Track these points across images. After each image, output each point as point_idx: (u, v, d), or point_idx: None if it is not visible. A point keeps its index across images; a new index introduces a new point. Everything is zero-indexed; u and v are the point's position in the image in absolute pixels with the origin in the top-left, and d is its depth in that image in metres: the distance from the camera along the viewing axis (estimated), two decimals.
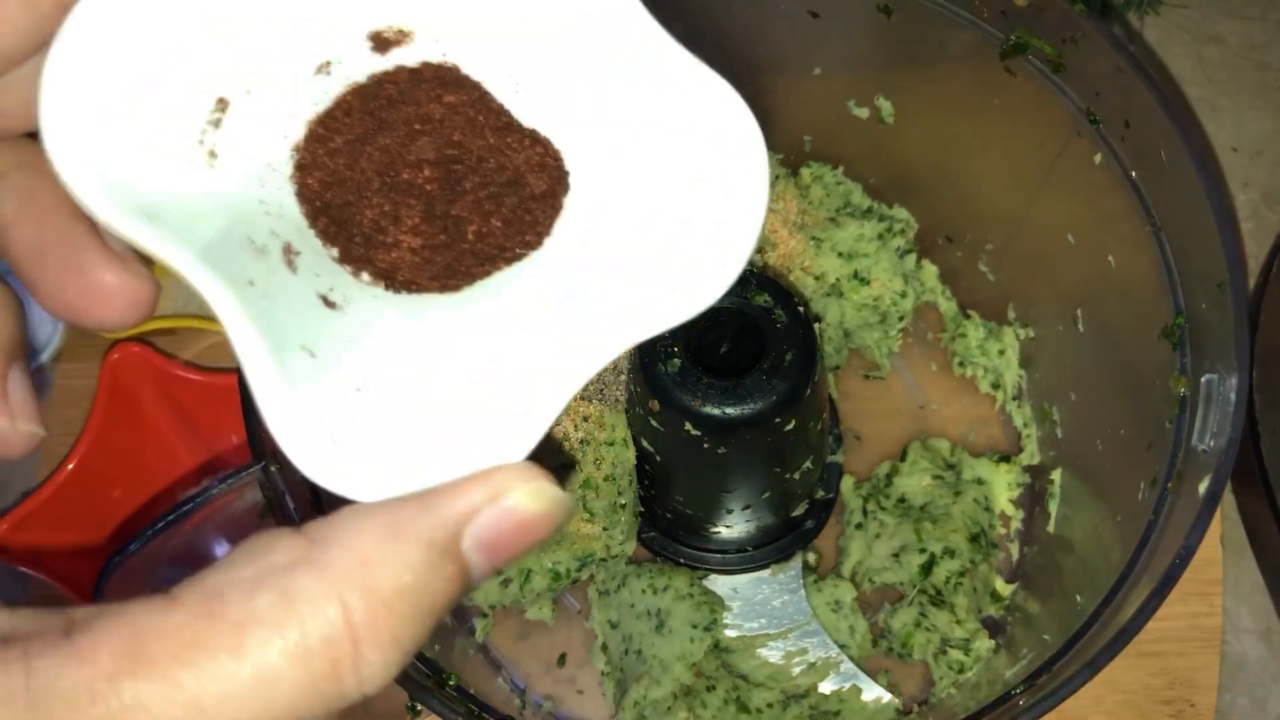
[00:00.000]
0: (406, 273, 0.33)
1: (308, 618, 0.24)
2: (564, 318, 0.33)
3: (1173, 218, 0.45)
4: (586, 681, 0.58)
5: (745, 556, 0.59)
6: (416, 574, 0.26)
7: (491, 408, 0.31)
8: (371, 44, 0.34)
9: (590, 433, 0.53)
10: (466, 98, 0.34)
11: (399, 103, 0.34)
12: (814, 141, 0.62)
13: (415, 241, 0.33)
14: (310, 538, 0.26)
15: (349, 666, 0.24)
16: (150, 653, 0.23)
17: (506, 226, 0.34)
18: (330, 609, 0.24)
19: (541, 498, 0.28)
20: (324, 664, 0.24)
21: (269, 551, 0.25)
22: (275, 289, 0.30)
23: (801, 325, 0.50)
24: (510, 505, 0.28)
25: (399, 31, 0.34)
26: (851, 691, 0.56)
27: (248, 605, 0.24)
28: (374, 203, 0.33)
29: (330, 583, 0.25)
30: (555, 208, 0.35)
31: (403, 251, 0.33)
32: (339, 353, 0.30)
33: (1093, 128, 0.48)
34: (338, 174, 0.33)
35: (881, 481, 0.60)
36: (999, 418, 0.63)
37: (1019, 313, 0.61)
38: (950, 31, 0.50)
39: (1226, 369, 0.41)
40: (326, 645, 0.24)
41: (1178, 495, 0.42)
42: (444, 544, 0.26)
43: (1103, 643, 0.39)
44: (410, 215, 0.33)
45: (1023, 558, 0.60)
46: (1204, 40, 0.73)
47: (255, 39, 0.31)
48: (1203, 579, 0.59)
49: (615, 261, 0.33)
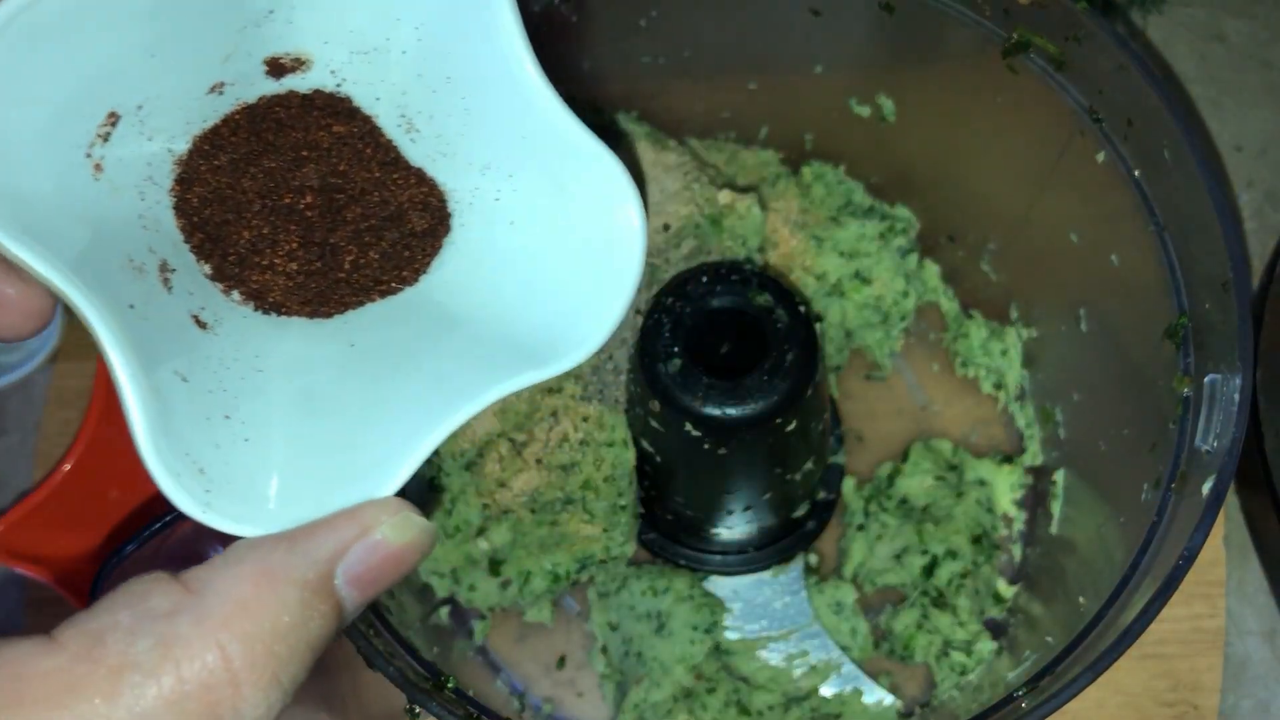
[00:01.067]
0: (278, 295, 0.33)
1: (184, 662, 0.25)
2: (438, 360, 0.33)
3: (1176, 217, 0.45)
4: (586, 684, 0.58)
5: (746, 558, 0.59)
6: (293, 614, 0.26)
7: (362, 443, 0.31)
8: (267, 68, 0.34)
9: (590, 434, 0.53)
10: (356, 130, 0.34)
11: (288, 127, 0.34)
12: (815, 140, 0.62)
13: (291, 266, 0.33)
14: (187, 585, 0.26)
15: (229, 709, 0.25)
16: (30, 694, 0.24)
17: (384, 260, 0.34)
18: (208, 654, 0.25)
19: (408, 528, 0.29)
20: (200, 708, 0.25)
21: (147, 597, 0.26)
22: (152, 311, 0.30)
23: (803, 325, 0.50)
24: (379, 540, 0.28)
25: (296, 59, 0.34)
26: (853, 694, 0.56)
27: (126, 651, 0.24)
28: (253, 224, 0.33)
29: (209, 629, 0.25)
30: (435, 247, 0.35)
31: (277, 275, 0.33)
32: (209, 377, 0.30)
33: (1095, 126, 0.47)
34: (219, 191, 0.33)
35: (883, 482, 0.60)
36: (1001, 418, 0.62)
37: (1021, 312, 0.61)
38: (952, 29, 0.50)
39: (1230, 369, 0.41)
40: (203, 690, 0.25)
41: (1181, 496, 0.42)
42: (318, 583, 0.27)
43: (1105, 645, 0.39)
44: (288, 240, 0.33)
45: (1025, 559, 0.59)
46: (1208, 39, 0.73)
47: (152, 55, 0.31)
48: (1206, 580, 0.59)
49: (492, 309, 0.33)
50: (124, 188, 0.31)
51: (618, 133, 0.59)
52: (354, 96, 0.34)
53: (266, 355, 0.32)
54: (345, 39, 0.34)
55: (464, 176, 0.35)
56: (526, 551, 0.54)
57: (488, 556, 0.54)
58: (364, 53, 0.34)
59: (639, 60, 0.58)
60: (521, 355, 0.32)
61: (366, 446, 0.31)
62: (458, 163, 0.35)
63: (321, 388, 0.32)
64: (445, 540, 0.54)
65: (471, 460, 0.54)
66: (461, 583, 0.55)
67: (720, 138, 0.62)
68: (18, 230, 0.27)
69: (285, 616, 0.26)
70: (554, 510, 0.53)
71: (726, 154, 0.61)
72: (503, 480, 0.53)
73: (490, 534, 0.54)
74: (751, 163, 0.61)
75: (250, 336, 0.32)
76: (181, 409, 0.29)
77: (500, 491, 0.53)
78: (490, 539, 0.54)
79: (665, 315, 0.50)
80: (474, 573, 0.55)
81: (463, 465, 0.54)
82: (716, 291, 0.50)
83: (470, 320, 0.34)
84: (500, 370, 0.32)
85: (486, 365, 0.32)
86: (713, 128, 0.62)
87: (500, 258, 0.34)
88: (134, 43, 0.30)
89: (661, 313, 0.50)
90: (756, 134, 0.62)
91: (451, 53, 0.33)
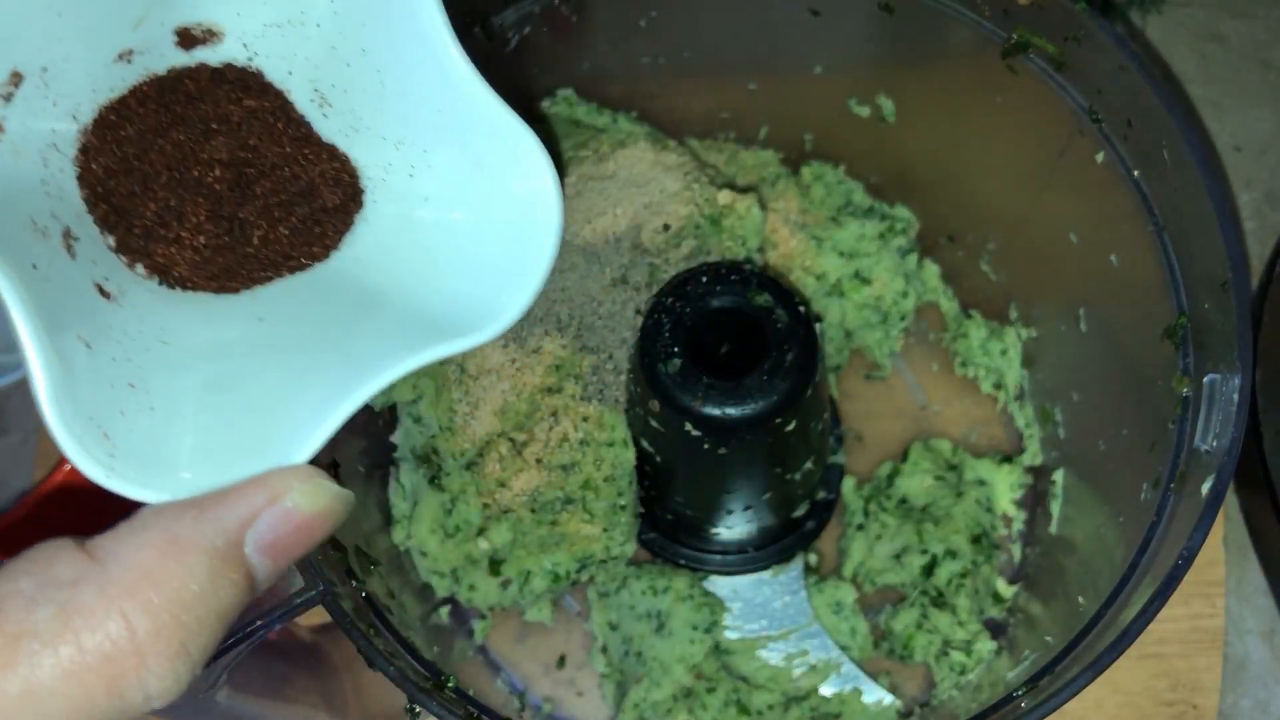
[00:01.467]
0: (183, 269, 0.32)
1: (84, 632, 0.24)
2: (352, 333, 0.32)
3: (1175, 217, 0.45)
4: (586, 683, 0.58)
5: (746, 558, 0.59)
6: (201, 583, 0.26)
7: (274, 414, 0.30)
8: (177, 38, 0.33)
9: (590, 433, 0.53)
10: (268, 104, 0.34)
11: (197, 100, 0.33)
12: (815, 140, 0.62)
13: (198, 240, 0.33)
14: (92, 552, 0.26)
15: (133, 680, 0.24)
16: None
17: (294, 236, 0.34)
18: (111, 624, 0.24)
19: (320, 495, 0.28)
20: (100, 680, 0.24)
21: (51, 564, 0.25)
22: (55, 274, 0.29)
23: (802, 325, 0.50)
24: (289, 507, 0.28)
25: (207, 30, 0.34)
26: (852, 693, 0.56)
27: (25, 619, 0.24)
28: (159, 196, 0.32)
29: (112, 598, 0.24)
30: (346, 223, 0.34)
31: (183, 248, 0.32)
32: (114, 346, 0.30)
33: (1095, 126, 0.47)
34: (125, 162, 0.32)
35: (883, 482, 0.60)
36: (1001, 418, 0.63)
37: (1021, 312, 0.61)
38: (952, 30, 0.50)
39: (1229, 369, 0.41)
40: (104, 661, 0.24)
41: (1180, 496, 0.42)
42: (226, 551, 0.27)
43: (1105, 644, 0.39)
44: (195, 213, 0.33)
45: (1025, 559, 0.59)
46: (1207, 39, 0.73)
47: (59, 15, 0.30)
48: (1205, 580, 0.59)
49: (407, 283, 0.33)
50: (26, 151, 0.30)
51: (538, 115, 0.59)
52: (266, 70, 0.34)
53: (173, 329, 0.32)
54: (259, 11, 0.33)
55: (377, 151, 0.34)
56: (526, 551, 0.54)
57: (488, 556, 0.54)
58: (278, 25, 0.34)
59: (639, 60, 0.58)
60: (437, 328, 0.32)
61: (278, 417, 0.30)
62: (371, 138, 0.34)
63: (231, 361, 0.32)
64: (446, 540, 0.54)
65: (472, 460, 0.54)
66: (462, 582, 0.55)
67: (720, 138, 0.62)
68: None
69: (193, 585, 0.26)
70: (554, 510, 0.53)
71: (726, 154, 0.61)
72: (503, 480, 0.53)
73: (490, 534, 0.54)
74: (751, 163, 0.61)
75: (155, 310, 0.32)
76: (85, 374, 0.28)
77: (500, 491, 0.53)
78: (490, 539, 0.54)
79: (665, 315, 0.50)
80: (474, 572, 0.55)
81: (463, 465, 0.54)
82: (716, 291, 0.50)
83: (385, 294, 0.33)
84: (415, 342, 0.32)
85: (401, 338, 0.32)
86: (713, 128, 0.62)
87: (415, 233, 0.34)
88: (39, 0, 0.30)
89: (661, 313, 0.50)
90: (756, 134, 0.62)
91: (368, 25, 0.33)
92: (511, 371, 0.53)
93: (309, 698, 0.53)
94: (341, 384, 0.31)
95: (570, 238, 0.55)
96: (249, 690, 0.47)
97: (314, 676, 0.54)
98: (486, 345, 0.54)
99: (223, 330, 0.32)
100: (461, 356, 0.54)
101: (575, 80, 0.59)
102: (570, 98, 0.59)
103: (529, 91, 0.59)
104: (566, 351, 0.53)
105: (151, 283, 0.32)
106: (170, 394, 0.30)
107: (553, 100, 0.59)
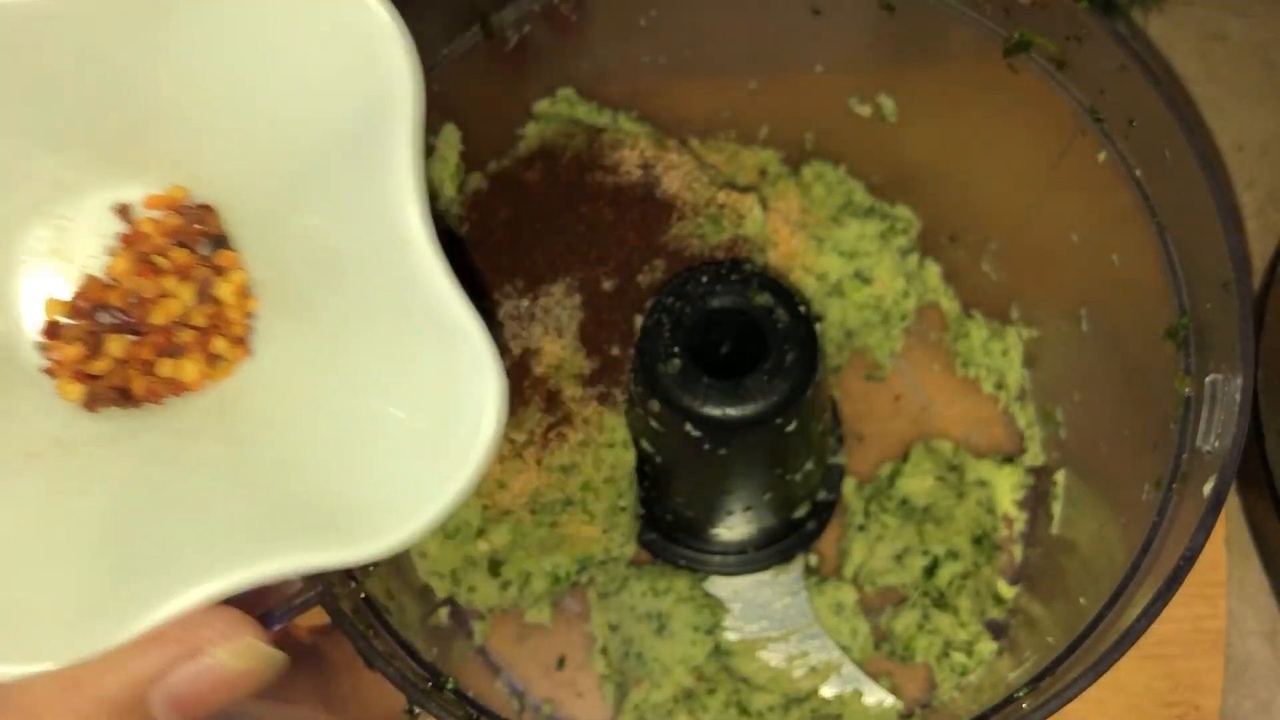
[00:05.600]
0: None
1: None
2: (231, 504, 0.30)
3: (1177, 217, 0.45)
4: (586, 684, 0.58)
5: (746, 558, 0.59)
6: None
7: (123, 577, 0.28)
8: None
9: (590, 435, 0.53)
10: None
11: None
12: (815, 140, 0.62)
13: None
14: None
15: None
16: None
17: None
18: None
19: (250, 656, 0.27)
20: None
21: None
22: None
23: (803, 325, 0.50)
24: (212, 664, 0.26)
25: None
26: (853, 694, 0.56)
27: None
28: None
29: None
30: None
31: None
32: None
33: (1097, 126, 0.47)
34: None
35: (884, 483, 0.60)
36: (1002, 418, 0.62)
37: (1022, 312, 0.61)
38: (953, 28, 0.50)
39: (1231, 369, 0.41)
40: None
41: (1182, 496, 0.42)
42: (126, 703, 0.25)
43: (1106, 645, 0.39)
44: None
45: (1026, 560, 0.59)
46: (1209, 38, 0.73)
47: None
48: (1207, 581, 0.59)
49: (302, 470, 0.31)
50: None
51: (537, 115, 0.58)
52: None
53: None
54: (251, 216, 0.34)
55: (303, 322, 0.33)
56: (526, 552, 0.54)
57: (487, 557, 0.54)
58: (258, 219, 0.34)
59: (639, 60, 0.58)
60: (322, 525, 0.30)
61: (126, 584, 0.28)
62: (311, 307, 0.33)
63: (98, 515, 0.30)
64: (445, 541, 0.54)
65: None
66: (461, 583, 0.55)
67: (720, 137, 0.62)
68: None
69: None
70: (554, 511, 0.53)
71: (727, 154, 0.61)
72: (502, 481, 0.53)
73: (490, 535, 0.54)
74: (751, 162, 0.61)
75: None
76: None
77: (500, 492, 0.53)
78: (490, 540, 0.54)
79: (665, 315, 0.50)
80: (474, 573, 0.54)
81: None
82: (716, 291, 0.50)
83: (280, 480, 0.31)
84: (293, 536, 0.29)
85: (280, 524, 0.29)
86: (713, 127, 0.62)
87: (329, 418, 0.32)
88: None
89: (661, 313, 0.50)
90: (757, 134, 0.62)
91: (346, 218, 0.32)
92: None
93: (308, 698, 0.53)
94: (197, 564, 0.28)
95: None
96: None
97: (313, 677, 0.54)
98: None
99: (104, 481, 0.31)
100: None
101: (575, 79, 0.59)
102: (570, 97, 0.59)
103: (528, 91, 0.59)
104: (566, 352, 0.53)
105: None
106: (31, 548, 0.29)
107: (552, 100, 0.59)
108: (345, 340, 0.32)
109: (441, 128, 0.55)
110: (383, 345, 0.32)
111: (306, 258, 0.33)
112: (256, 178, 0.33)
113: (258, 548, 0.28)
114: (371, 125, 0.30)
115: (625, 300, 0.53)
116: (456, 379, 0.30)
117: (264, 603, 0.41)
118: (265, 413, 0.33)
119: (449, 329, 0.30)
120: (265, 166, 0.33)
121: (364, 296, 0.32)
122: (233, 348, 0.33)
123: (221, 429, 0.32)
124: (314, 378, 0.33)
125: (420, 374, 0.31)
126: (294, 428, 0.32)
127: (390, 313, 0.31)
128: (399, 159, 0.29)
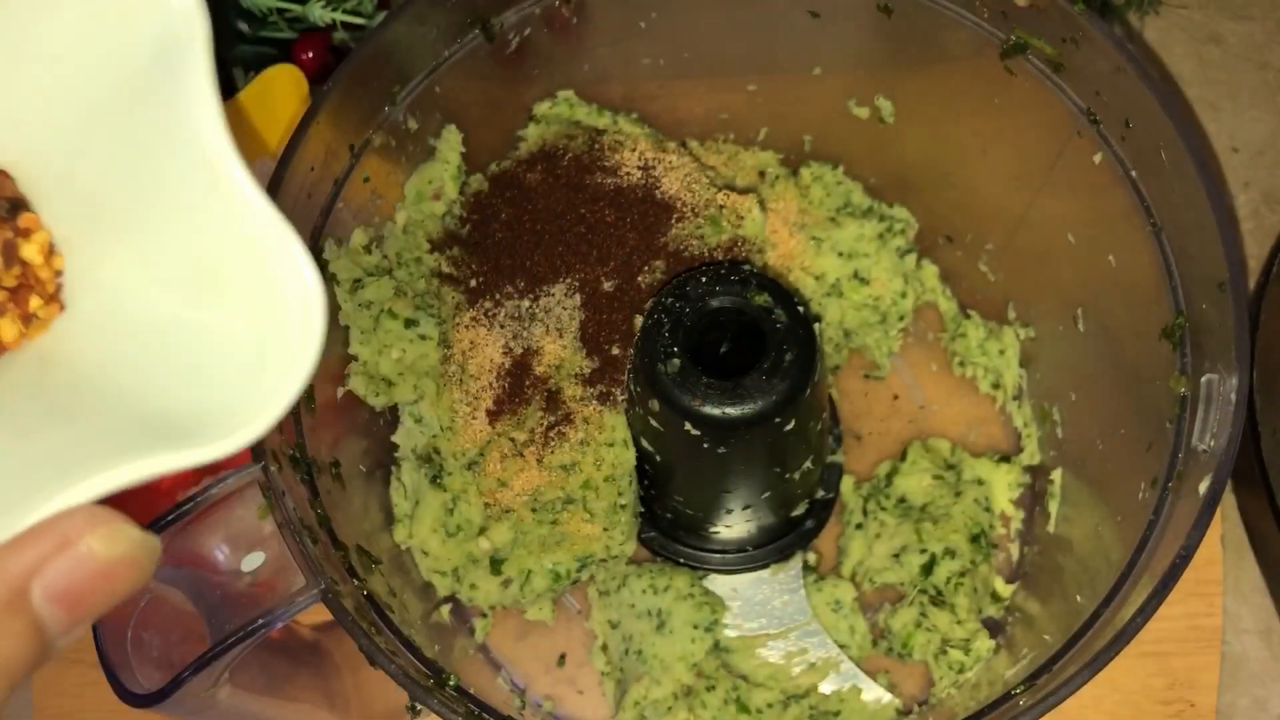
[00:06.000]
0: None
1: None
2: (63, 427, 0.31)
3: (1173, 218, 0.45)
4: (586, 682, 0.58)
5: (745, 556, 0.59)
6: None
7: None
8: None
9: (590, 433, 0.53)
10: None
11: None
12: (814, 141, 0.62)
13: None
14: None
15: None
16: None
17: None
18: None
19: (119, 541, 0.26)
20: None
21: None
22: None
23: (801, 325, 0.50)
24: (84, 552, 0.26)
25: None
26: (851, 691, 0.56)
27: None
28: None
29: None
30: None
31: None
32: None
33: (1093, 127, 0.48)
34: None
35: (882, 481, 0.60)
36: (999, 418, 0.63)
37: (1019, 312, 0.61)
38: (950, 31, 0.50)
39: (1227, 369, 0.41)
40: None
41: (1178, 495, 0.42)
42: (7, 599, 0.24)
43: (1103, 643, 0.39)
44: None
45: (1023, 558, 0.60)
46: (1204, 40, 0.73)
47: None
48: (1203, 579, 0.59)
49: (127, 381, 0.32)
50: None
51: (538, 117, 0.59)
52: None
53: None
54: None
55: (106, 235, 0.34)
56: (527, 550, 0.54)
57: (489, 555, 0.54)
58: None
59: (639, 62, 0.58)
60: (162, 432, 0.30)
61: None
62: (124, 244, 0.33)
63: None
64: (447, 539, 0.54)
65: (472, 460, 0.54)
66: (463, 581, 0.55)
67: (720, 139, 0.62)
68: None
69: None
70: (554, 509, 0.53)
71: (726, 155, 0.62)
72: (504, 480, 0.53)
73: (491, 533, 0.54)
74: (750, 164, 0.62)
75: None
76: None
77: (501, 491, 0.53)
78: (491, 538, 0.54)
79: (665, 315, 0.50)
80: (475, 571, 0.55)
81: (464, 465, 0.54)
82: (716, 291, 0.51)
83: (104, 390, 0.32)
84: (135, 446, 0.29)
85: (117, 440, 0.30)
86: (712, 129, 0.62)
87: (142, 328, 0.33)
88: None
89: (661, 313, 0.51)
90: (756, 135, 0.62)
91: (141, 125, 0.32)
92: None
93: (310, 695, 0.53)
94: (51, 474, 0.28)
95: None
96: (250, 688, 0.48)
97: (315, 674, 0.54)
98: (488, 347, 0.54)
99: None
100: (462, 356, 0.54)
101: (575, 82, 0.59)
102: (570, 99, 0.59)
103: (529, 93, 0.59)
104: (567, 351, 0.54)
105: None
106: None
107: (553, 102, 0.59)
108: (161, 270, 0.33)
109: (443, 129, 0.56)
110: (203, 268, 0.32)
111: (111, 201, 0.33)
112: (49, 134, 0.34)
113: (113, 459, 0.29)
114: (166, 59, 0.31)
115: (625, 300, 0.54)
116: (276, 283, 0.31)
117: (266, 600, 0.41)
118: (92, 353, 0.33)
119: (263, 238, 0.31)
120: (57, 121, 0.33)
121: (175, 224, 0.33)
122: (46, 306, 0.34)
123: (53, 377, 0.33)
124: (134, 308, 0.33)
125: (242, 284, 0.32)
126: (126, 359, 0.33)
127: (203, 234, 0.32)
128: (198, 86, 0.31)
